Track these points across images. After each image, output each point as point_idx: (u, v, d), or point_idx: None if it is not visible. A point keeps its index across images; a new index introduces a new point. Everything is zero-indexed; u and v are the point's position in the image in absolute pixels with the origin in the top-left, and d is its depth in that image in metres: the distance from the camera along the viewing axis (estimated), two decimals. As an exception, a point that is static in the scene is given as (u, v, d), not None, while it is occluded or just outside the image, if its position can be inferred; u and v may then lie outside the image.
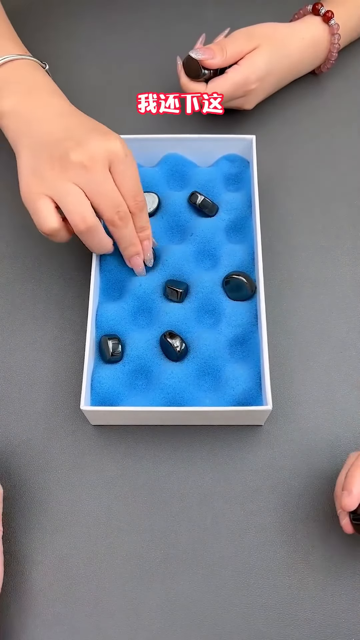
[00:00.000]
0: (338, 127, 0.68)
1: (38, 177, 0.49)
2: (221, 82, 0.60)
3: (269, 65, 0.62)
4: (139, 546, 0.49)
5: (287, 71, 0.66)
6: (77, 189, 0.48)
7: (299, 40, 0.64)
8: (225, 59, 0.60)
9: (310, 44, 0.65)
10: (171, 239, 0.60)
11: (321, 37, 0.65)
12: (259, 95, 0.65)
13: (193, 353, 0.53)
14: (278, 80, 0.66)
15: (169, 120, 0.68)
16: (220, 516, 0.50)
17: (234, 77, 0.60)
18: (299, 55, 0.65)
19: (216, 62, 0.60)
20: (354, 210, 0.64)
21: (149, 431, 0.53)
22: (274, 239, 0.62)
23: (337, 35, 0.64)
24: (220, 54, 0.60)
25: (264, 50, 0.61)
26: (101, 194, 0.49)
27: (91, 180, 0.48)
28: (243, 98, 0.63)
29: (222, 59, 0.60)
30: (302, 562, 0.48)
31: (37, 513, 0.50)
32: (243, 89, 0.62)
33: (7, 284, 0.60)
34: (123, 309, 0.55)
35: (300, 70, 0.68)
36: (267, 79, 0.63)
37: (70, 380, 0.55)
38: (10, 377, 0.56)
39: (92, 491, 0.51)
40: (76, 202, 0.48)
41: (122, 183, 0.50)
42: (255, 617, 0.47)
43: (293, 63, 0.65)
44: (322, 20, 0.65)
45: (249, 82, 0.61)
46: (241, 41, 0.61)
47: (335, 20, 0.64)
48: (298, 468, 0.52)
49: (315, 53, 0.66)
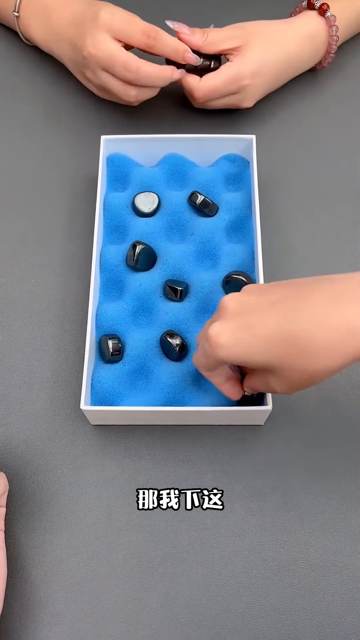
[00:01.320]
0: (338, 127, 0.68)
1: (81, 72, 0.62)
2: (214, 76, 0.60)
3: (262, 60, 0.62)
4: (139, 546, 0.49)
5: (284, 67, 0.65)
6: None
7: (295, 34, 0.64)
8: (205, 42, 0.60)
9: (308, 37, 0.64)
10: (171, 239, 0.60)
11: (319, 31, 0.64)
12: (256, 92, 0.64)
13: (193, 353, 0.53)
14: (275, 76, 0.65)
15: (169, 120, 0.68)
16: (220, 516, 0.50)
17: (227, 72, 0.60)
18: (296, 50, 0.65)
19: (193, 40, 0.59)
20: (354, 210, 0.64)
21: (149, 431, 0.53)
22: (274, 239, 0.62)
23: (334, 27, 0.64)
24: (199, 35, 0.60)
25: (256, 45, 0.61)
26: (124, 25, 0.57)
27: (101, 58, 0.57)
28: (239, 95, 0.63)
29: (201, 41, 0.60)
30: (302, 562, 0.48)
31: (37, 513, 0.50)
32: (236, 84, 0.61)
33: (7, 284, 0.60)
34: (123, 309, 0.55)
35: (298, 66, 0.67)
36: (263, 75, 0.63)
37: (70, 380, 0.55)
38: (10, 377, 0.56)
39: (92, 491, 0.51)
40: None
41: (125, 33, 0.57)
42: (255, 617, 0.47)
43: (290, 58, 0.65)
44: (318, 13, 0.64)
45: (241, 78, 0.61)
46: (228, 32, 0.61)
47: (332, 13, 0.64)
48: (298, 468, 0.52)
49: (314, 47, 0.66)
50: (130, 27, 0.57)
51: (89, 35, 0.58)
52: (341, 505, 0.50)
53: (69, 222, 0.63)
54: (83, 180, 0.65)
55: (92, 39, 0.57)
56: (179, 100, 0.68)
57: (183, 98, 0.68)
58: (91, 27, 0.58)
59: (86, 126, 0.68)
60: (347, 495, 0.51)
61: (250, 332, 0.39)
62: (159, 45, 0.57)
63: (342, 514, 0.50)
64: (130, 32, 0.57)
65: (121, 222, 0.60)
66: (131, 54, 0.57)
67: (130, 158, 0.63)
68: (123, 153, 0.63)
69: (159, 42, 0.57)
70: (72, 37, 0.60)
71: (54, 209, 0.64)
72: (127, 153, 0.63)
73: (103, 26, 0.57)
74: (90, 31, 0.58)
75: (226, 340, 0.40)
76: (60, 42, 0.63)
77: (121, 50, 0.57)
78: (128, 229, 0.59)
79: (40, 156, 0.67)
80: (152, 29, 0.57)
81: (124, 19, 0.57)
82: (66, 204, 0.64)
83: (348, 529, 0.49)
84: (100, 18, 0.57)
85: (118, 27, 0.57)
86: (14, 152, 0.67)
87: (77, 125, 0.68)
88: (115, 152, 0.63)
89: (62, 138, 0.67)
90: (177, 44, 0.58)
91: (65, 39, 0.62)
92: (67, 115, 0.69)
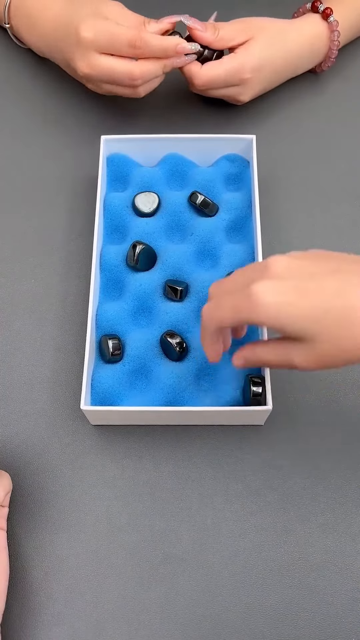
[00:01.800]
0: (338, 127, 0.68)
1: (79, 78, 0.61)
2: (215, 66, 0.60)
3: (265, 56, 0.62)
4: (139, 546, 0.49)
5: (285, 65, 0.65)
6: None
7: (297, 34, 0.64)
8: (216, 39, 0.60)
9: (309, 39, 0.65)
10: (171, 239, 0.60)
11: (320, 34, 0.65)
12: (255, 87, 0.64)
13: (193, 353, 0.53)
14: (275, 74, 0.65)
15: (169, 121, 0.68)
16: (220, 516, 0.50)
17: (229, 63, 0.60)
18: (298, 50, 0.65)
19: (205, 36, 0.59)
20: (354, 210, 0.64)
21: (149, 431, 0.53)
22: (274, 239, 0.62)
23: (336, 32, 0.64)
24: (211, 31, 0.60)
25: (260, 41, 0.61)
26: (108, 41, 0.56)
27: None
28: (238, 88, 0.63)
29: (213, 37, 0.59)
30: (302, 562, 0.48)
31: (37, 513, 0.50)
32: (237, 76, 0.61)
33: (7, 284, 0.60)
34: (123, 309, 0.55)
35: (298, 66, 0.67)
36: (264, 70, 0.63)
37: (70, 380, 0.55)
38: (10, 376, 0.56)
39: (92, 491, 0.51)
40: (110, 37, 0.56)
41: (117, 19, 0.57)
42: (255, 617, 0.47)
43: (291, 57, 0.65)
44: (321, 17, 0.64)
45: (243, 71, 0.61)
46: (236, 27, 0.61)
47: (335, 18, 0.64)
48: (298, 468, 0.52)
49: (315, 49, 0.66)
50: (115, 41, 0.56)
51: (79, 56, 0.58)
52: (341, 505, 0.50)
53: (69, 222, 0.63)
54: (83, 180, 0.65)
55: (83, 60, 0.58)
56: (179, 101, 0.68)
57: (183, 98, 0.68)
58: (78, 46, 0.57)
59: (86, 126, 0.68)
60: (347, 495, 0.51)
61: (303, 296, 0.38)
62: (147, 51, 0.57)
63: (342, 514, 0.50)
64: (116, 46, 0.56)
65: (121, 222, 0.60)
66: (127, 62, 0.57)
67: (130, 158, 0.63)
68: (123, 153, 0.63)
69: (147, 48, 0.56)
70: (61, 49, 0.60)
71: (54, 209, 0.64)
72: (127, 153, 0.63)
73: (89, 45, 0.56)
74: (78, 51, 0.58)
75: (272, 300, 0.38)
76: (51, 51, 0.64)
77: (117, 62, 0.57)
78: (128, 229, 0.59)
79: (40, 156, 0.67)
80: (137, 38, 0.56)
81: (107, 35, 0.56)
82: (66, 204, 0.64)
83: (348, 529, 0.49)
84: (82, 37, 0.56)
85: (104, 44, 0.56)
86: (14, 152, 0.67)
87: (77, 125, 0.68)
88: (115, 152, 0.63)
89: (62, 138, 0.67)
90: (166, 44, 0.57)
91: (55, 48, 0.62)
92: (67, 115, 0.69)
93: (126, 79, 0.58)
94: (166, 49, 0.57)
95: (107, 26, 0.56)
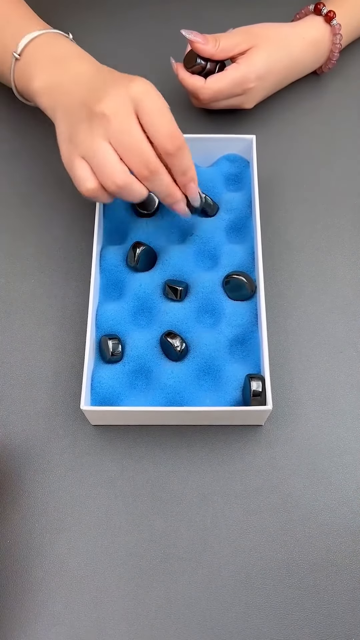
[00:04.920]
0: (338, 127, 0.68)
1: (73, 142, 0.49)
2: (219, 78, 0.60)
3: (268, 64, 0.62)
4: (139, 546, 0.49)
5: (288, 71, 0.66)
6: (105, 146, 0.47)
7: (299, 39, 0.64)
8: (217, 50, 0.60)
9: (312, 43, 0.65)
10: (171, 239, 0.60)
11: (323, 37, 0.65)
12: (259, 94, 0.65)
13: (193, 353, 0.53)
14: (278, 80, 0.66)
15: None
16: (220, 516, 0.50)
17: (233, 74, 0.60)
18: (300, 55, 0.65)
19: (207, 49, 0.59)
20: (354, 210, 0.64)
21: (149, 431, 0.53)
22: (274, 239, 0.62)
23: (338, 35, 0.64)
24: (212, 43, 0.59)
25: (263, 49, 0.61)
26: (126, 145, 0.46)
27: (115, 130, 0.46)
28: (242, 97, 0.63)
29: (214, 49, 0.59)
30: (302, 562, 0.48)
31: (37, 513, 0.50)
32: (241, 86, 0.61)
33: (7, 284, 0.60)
34: (123, 309, 0.55)
35: (301, 70, 0.67)
36: (267, 78, 0.63)
37: (70, 380, 0.55)
38: (10, 376, 0.56)
39: (92, 491, 0.51)
40: (104, 162, 0.47)
41: (152, 123, 0.46)
42: (255, 617, 0.47)
43: (294, 63, 0.65)
44: (324, 20, 0.65)
45: (247, 80, 0.61)
46: (237, 37, 0.61)
47: (337, 21, 0.64)
48: (298, 468, 0.52)
49: (317, 53, 0.66)
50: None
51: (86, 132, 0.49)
52: (341, 505, 0.50)
53: (69, 222, 0.63)
54: (83, 180, 0.65)
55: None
56: (179, 101, 0.68)
57: (183, 98, 0.68)
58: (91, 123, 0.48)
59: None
60: (347, 495, 0.51)
61: None
62: (157, 183, 0.49)
63: (341, 514, 0.50)
64: (133, 164, 0.48)
65: (121, 223, 0.60)
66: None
67: (130, 158, 0.63)
68: (123, 153, 0.63)
69: (156, 178, 0.49)
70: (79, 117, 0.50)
71: (54, 209, 0.64)
72: (127, 153, 0.63)
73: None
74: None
75: None
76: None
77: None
78: (128, 229, 0.59)
79: (40, 156, 0.67)
80: (153, 164, 0.48)
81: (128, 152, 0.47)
82: (66, 204, 0.64)
83: (348, 529, 0.49)
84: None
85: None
86: (13, 152, 0.67)
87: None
88: (115, 152, 0.62)
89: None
90: (173, 189, 0.51)
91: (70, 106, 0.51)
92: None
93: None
94: (174, 194, 0.51)
95: (131, 139, 0.47)
